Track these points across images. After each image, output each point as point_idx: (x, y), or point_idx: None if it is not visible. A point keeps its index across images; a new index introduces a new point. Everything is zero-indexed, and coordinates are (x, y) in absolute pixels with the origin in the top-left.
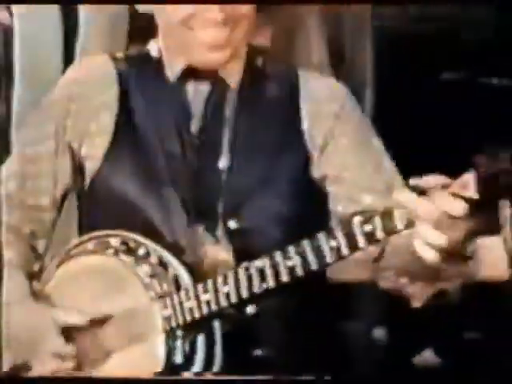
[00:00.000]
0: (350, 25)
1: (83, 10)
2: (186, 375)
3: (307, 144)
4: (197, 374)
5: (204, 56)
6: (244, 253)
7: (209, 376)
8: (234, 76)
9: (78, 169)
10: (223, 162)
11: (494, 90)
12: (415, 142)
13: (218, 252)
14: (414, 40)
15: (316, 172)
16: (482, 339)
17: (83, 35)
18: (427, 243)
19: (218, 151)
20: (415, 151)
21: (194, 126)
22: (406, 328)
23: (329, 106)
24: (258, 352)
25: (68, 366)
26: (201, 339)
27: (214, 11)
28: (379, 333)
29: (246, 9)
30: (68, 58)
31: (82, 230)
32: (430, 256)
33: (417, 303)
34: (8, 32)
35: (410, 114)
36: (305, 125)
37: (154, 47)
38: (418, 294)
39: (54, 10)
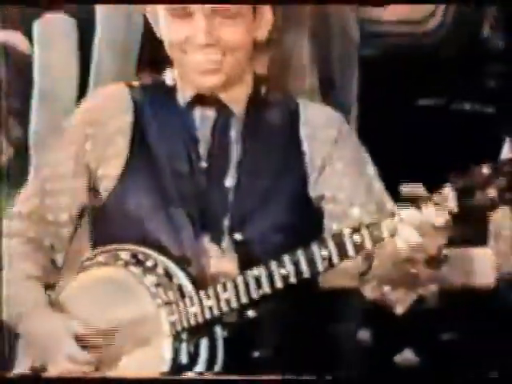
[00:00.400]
0: (337, 53)
1: (97, 38)
2: (189, 375)
3: (306, 166)
4: (199, 373)
5: (198, 80)
6: (248, 262)
7: (209, 376)
8: (238, 103)
9: (94, 188)
10: (229, 181)
11: (467, 115)
12: (396, 160)
13: (223, 263)
14: (395, 68)
15: (313, 192)
16: (457, 340)
17: (97, 61)
18: (406, 241)
19: (225, 171)
20: (395, 169)
21: (202, 149)
22: (388, 330)
23: (327, 131)
24: (256, 353)
25: (83, 370)
26: (204, 341)
27: (201, 36)
28: (364, 334)
29: (238, 36)
30: (82, 83)
31: (93, 243)
32: (406, 249)
33: (400, 309)
34: (27, 60)
35: (390, 136)
36: (304, 148)
37: (169, 76)
38: (401, 301)
39: (71, 38)
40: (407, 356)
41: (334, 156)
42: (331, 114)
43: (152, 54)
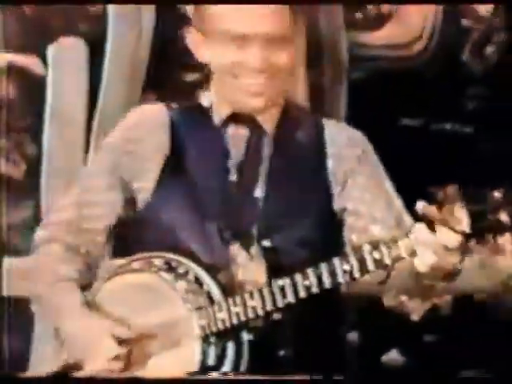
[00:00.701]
0: (328, 76)
1: (107, 61)
2: (214, 375)
3: (331, 181)
4: (223, 373)
5: (246, 102)
6: (275, 268)
7: (232, 376)
8: (270, 122)
9: (130, 200)
10: (259, 192)
11: (447, 134)
12: None
13: (251, 268)
14: (381, 90)
15: (337, 205)
16: (438, 342)
17: (106, 83)
18: (422, 261)
19: (254, 184)
20: None
21: (232, 164)
22: (375, 331)
23: (352, 150)
24: (280, 352)
25: (119, 365)
26: (230, 345)
27: (256, 61)
28: (353, 336)
29: (287, 61)
30: (92, 103)
31: (128, 251)
32: (424, 269)
33: (415, 316)
34: (41, 81)
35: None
36: (329, 165)
37: (205, 98)
38: (416, 309)
39: (82, 61)
40: (393, 356)
41: (356, 171)
42: (354, 134)
43: (157, 78)
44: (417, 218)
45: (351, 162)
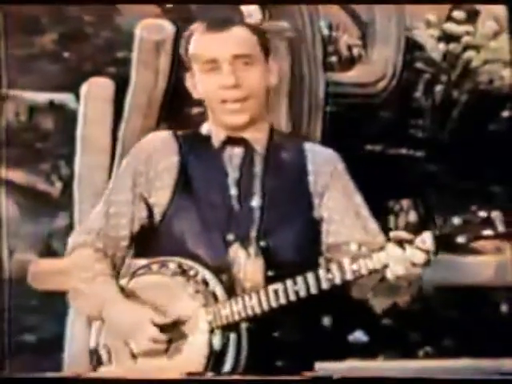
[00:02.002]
0: (307, 109)
1: (129, 97)
2: (208, 375)
3: (311, 193)
4: (223, 374)
5: (226, 119)
6: (270, 265)
7: (235, 376)
8: (260, 144)
9: (149, 212)
10: (255, 203)
11: (402, 157)
12: None
13: (250, 265)
14: (350, 121)
15: (316, 213)
16: (394, 325)
17: (127, 116)
18: (393, 272)
19: (252, 196)
20: None
21: (231, 180)
22: (345, 316)
23: (327, 167)
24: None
25: (160, 348)
26: (232, 336)
27: (228, 78)
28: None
29: (257, 80)
30: (115, 132)
31: (148, 255)
32: (394, 279)
33: (377, 311)
34: (74, 114)
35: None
36: (310, 180)
37: (205, 128)
38: (378, 306)
39: (109, 97)
40: (357, 336)
41: (330, 185)
42: (330, 155)
43: (169, 111)
44: (389, 238)
45: (326, 178)
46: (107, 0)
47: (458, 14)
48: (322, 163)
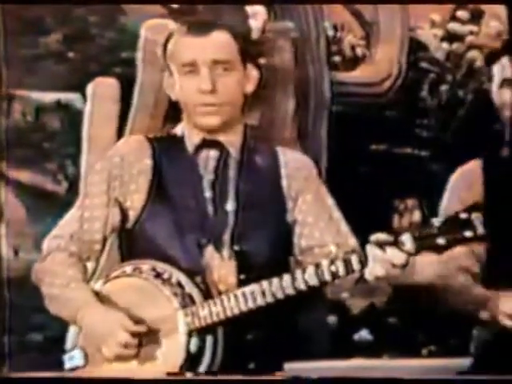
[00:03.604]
0: (313, 109)
1: (135, 97)
2: (188, 376)
3: (285, 197)
4: (199, 374)
5: (200, 121)
6: (243, 268)
7: (208, 376)
8: (234, 147)
9: (123, 216)
10: (230, 206)
11: (407, 156)
12: (357, 196)
13: (224, 268)
14: (356, 121)
15: (289, 217)
16: (398, 323)
17: (133, 116)
18: (372, 273)
19: (226, 199)
20: (355, 201)
21: (206, 183)
22: (349, 315)
23: (300, 172)
24: (249, 336)
25: (130, 352)
26: (209, 337)
27: (206, 82)
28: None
29: (232, 87)
30: (120, 131)
31: (122, 259)
32: (373, 280)
33: (354, 311)
34: (80, 114)
35: (353, 175)
36: (283, 184)
37: (179, 129)
38: (355, 305)
39: (115, 97)
40: (363, 335)
41: (304, 189)
42: (303, 159)
43: (177, 112)
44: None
45: (300, 182)
46: (112, 0)
47: (462, 13)
48: (297, 168)
